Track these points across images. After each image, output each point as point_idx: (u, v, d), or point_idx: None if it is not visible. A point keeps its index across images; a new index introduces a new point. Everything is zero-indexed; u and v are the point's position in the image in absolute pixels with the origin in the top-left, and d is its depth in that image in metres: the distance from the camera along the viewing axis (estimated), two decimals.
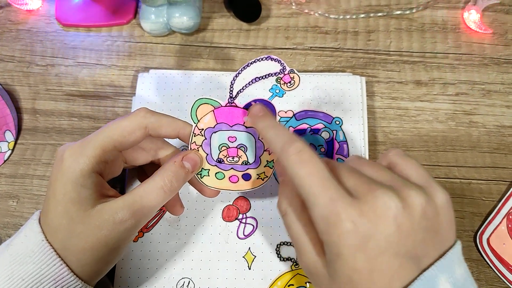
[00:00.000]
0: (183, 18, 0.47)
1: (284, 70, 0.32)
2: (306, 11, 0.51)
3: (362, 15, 0.50)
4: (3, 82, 0.48)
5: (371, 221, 0.25)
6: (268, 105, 0.33)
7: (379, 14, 0.50)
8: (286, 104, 0.44)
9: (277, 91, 0.45)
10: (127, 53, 0.49)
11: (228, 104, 0.33)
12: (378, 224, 0.25)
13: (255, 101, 0.33)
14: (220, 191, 0.35)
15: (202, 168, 0.34)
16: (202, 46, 0.49)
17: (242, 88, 0.32)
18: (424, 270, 0.26)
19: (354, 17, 0.50)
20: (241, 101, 0.33)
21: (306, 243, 0.28)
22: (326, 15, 0.50)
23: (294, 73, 0.32)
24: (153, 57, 0.49)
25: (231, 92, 0.32)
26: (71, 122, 0.46)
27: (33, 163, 0.45)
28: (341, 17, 0.50)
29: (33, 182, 0.44)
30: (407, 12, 0.50)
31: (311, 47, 0.49)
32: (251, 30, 0.50)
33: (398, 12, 0.50)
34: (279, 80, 0.32)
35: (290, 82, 0.33)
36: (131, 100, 0.46)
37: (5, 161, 0.45)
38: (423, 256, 0.26)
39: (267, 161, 0.34)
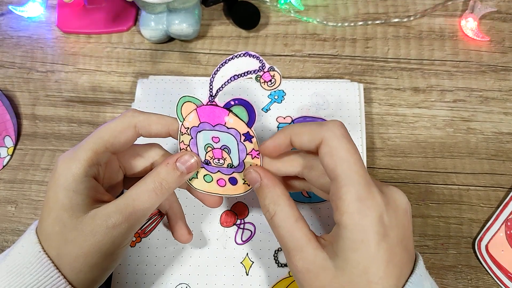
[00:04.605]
0: (182, 25, 0.47)
1: (264, 67, 0.30)
2: (305, 18, 0.51)
3: (360, 23, 0.50)
4: (4, 88, 0.49)
5: (394, 211, 0.26)
6: (246, 105, 0.31)
7: (377, 21, 0.50)
8: (285, 110, 0.45)
9: (276, 97, 0.46)
10: (126, 59, 0.50)
11: (209, 103, 0.32)
12: (398, 216, 0.26)
13: (234, 100, 0.31)
14: (222, 200, 0.35)
15: None
16: (201, 53, 0.50)
17: (222, 86, 0.31)
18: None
19: (352, 24, 0.51)
20: (221, 100, 0.31)
21: (301, 238, 0.28)
22: (325, 22, 0.51)
23: (275, 70, 0.30)
24: (152, 64, 0.49)
25: (210, 90, 0.31)
26: (71, 128, 0.46)
27: (32, 168, 0.45)
28: (339, 24, 0.51)
29: (32, 188, 0.44)
30: (405, 20, 0.51)
31: (309, 54, 0.49)
32: (250, 37, 0.50)
33: (396, 20, 0.51)
34: (259, 79, 0.30)
35: (270, 80, 0.30)
36: (130, 106, 0.46)
37: (4, 166, 0.45)
38: (413, 255, 0.28)
39: (250, 165, 0.33)
